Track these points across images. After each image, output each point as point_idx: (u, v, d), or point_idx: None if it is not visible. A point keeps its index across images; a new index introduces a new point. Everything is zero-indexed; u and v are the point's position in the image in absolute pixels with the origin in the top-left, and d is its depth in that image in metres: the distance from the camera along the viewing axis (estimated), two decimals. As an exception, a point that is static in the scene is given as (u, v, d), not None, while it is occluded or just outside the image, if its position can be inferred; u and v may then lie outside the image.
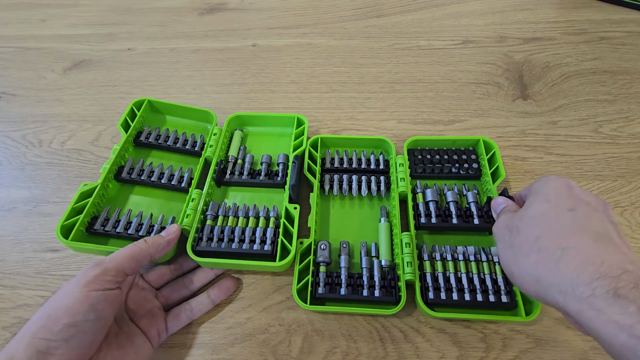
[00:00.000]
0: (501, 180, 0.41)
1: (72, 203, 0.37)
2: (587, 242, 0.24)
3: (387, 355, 0.35)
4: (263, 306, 0.38)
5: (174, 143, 0.44)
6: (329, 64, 0.56)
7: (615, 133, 0.47)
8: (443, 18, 0.60)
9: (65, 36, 0.60)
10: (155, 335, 0.34)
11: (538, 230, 0.26)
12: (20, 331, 0.28)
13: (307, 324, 0.37)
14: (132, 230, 0.38)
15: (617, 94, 0.51)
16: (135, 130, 0.44)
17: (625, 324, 0.20)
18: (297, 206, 0.39)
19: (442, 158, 0.43)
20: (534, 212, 0.27)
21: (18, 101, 0.54)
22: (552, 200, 0.27)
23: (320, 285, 0.36)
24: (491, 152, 0.43)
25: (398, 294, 0.35)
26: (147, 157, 0.45)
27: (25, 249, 0.41)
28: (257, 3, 0.64)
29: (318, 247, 0.38)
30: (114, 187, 0.42)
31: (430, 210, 0.39)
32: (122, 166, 0.42)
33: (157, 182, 0.41)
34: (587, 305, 0.21)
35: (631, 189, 0.43)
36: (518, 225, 0.28)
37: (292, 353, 0.35)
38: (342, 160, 0.44)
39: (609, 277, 0.21)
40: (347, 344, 0.35)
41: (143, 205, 0.42)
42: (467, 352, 0.35)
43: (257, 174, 0.43)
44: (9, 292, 0.39)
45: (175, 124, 0.49)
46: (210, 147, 0.43)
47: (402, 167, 0.41)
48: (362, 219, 0.42)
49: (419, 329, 0.36)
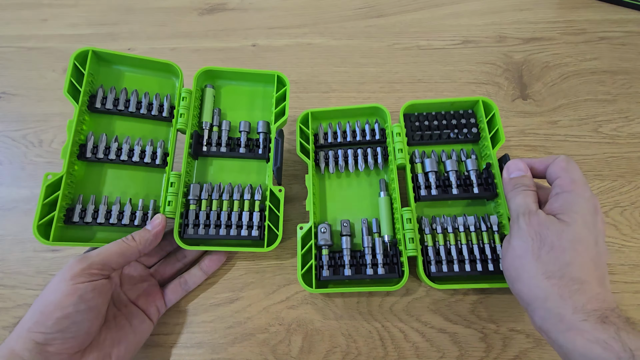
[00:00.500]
0: (501, 144, 0.39)
1: (41, 199, 0.33)
2: (597, 281, 0.27)
3: (387, 355, 0.35)
4: (263, 306, 0.38)
5: (137, 109, 0.39)
6: (329, 63, 0.56)
7: (615, 133, 0.47)
8: (443, 18, 0.61)
9: (66, 36, 0.60)
10: (155, 311, 0.35)
11: (570, 257, 0.27)
12: (16, 328, 0.28)
13: (307, 324, 0.37)
14: (114, 219, 0.36)
15: (616, 94, 0.51)
16: (87, 94, 0.37)
17: (600, 339, 0.24)
18: (282, 188, 0.38)
19: (440, 123, 0.42)
20: (573, 235, 0.28)
21: (19, 101, 0.54)
22: (588, 227, 0.28)
23: (324, 268, 0.36)
24: (491, 113, 0.40)
25: (401, 270, 0.35)
26: (108, 126, 0.39)
27: (26, 248, 0.41)
28: (257, 3, 0.64)
29: (319, 231, 0.37)
30: (81, 168, 0.37)
31: (430, 182, 0.39)
32: (84, 144, 0.37)
33: (129, 161, 0.37)
34: (575, 327, 0.25)
35: (631, 189, 0.43)
36: (553, 241, 0.28)
37: (292, 353, 0.35)
38: (335, 134, 0.42)
39: (604, 310, 0.26)
40: (347, 344, 0.35)
41: (118, 187, 0.38)
42: (467, 352, 0.35)
43: (236, 144, 0.40)
44: (10, 291, 0.39)
45: (132, 80, 0.41)
46: (182, 116, 0.38)
47: (399, 137, 0.39)
48: (361, 194, 0.41)
49: (419, 329, 0.36)
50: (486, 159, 0.40)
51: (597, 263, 0.27)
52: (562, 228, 0.28)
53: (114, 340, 0.32)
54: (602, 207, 0.42)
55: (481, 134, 0.41)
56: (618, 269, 0.38)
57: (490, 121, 0.41)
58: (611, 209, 0.42)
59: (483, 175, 0.39)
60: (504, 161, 0.37)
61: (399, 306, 0.37)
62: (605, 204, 0.42)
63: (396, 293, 0.38)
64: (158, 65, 0.40)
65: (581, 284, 0.26)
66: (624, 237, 0.40)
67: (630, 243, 0.40)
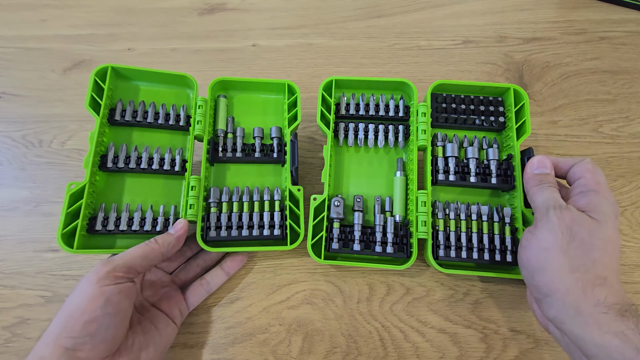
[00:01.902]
0: (526, 137, 0.39)
1: (65, 208, 0.34)
2: (617, 277, 0.28)
3: (387, 355, 0.35)
4: (263, 306, 0.38)
5: (154, 119, 0.40)
6: (329, 64, 0.56)
7: (615, 133, 0.47)
8: (443, 18, 0.61)
9: (66, 36, 0.60)
10: (178, 314, 0.35)
11: (598, 255, 0.28)
12: (43, 336, 0.28)
13: (307, 324, 0.37)
14: (136, 226, 0.37)
15: (617, 94, 0.51)
16: (107, 108, 0.39)
17: (619, 330, 0.25)
18: (301, 188, 0.38)
19: (468, 108, 0.41)
20: (605, 234, 0.29)
21: (19, 101, 0.54)
22: (616, 228, 0.29)
23: (334, 240, 0.36)
24: (520, 103, 0.39)
25: (409, 250, 0.36)
26: (127, 137, 0.41)
27: (27, 248, 0.41)
28: (257, 3, 0.64)
29: (332, 204, 0.37)
30: (102, 178, 0.39)
31: (449, 167, 0.38)
32: (105, 155, 0.38)
33: (149, 169, 0.38)
34: (594, 319, 0.26)
35: (631, 189, 0.43)
36: (584, 238, 0.28)
37: (292, 353, 0.35)
38: (358, 106, 0.41)
39: (623, 304, 0.26)
40: (347, 344, 0.35)
41: (139, 195, 0.39)
42: (467, 353, 0.35)
43: (251, 150, 0.41)
44: (10, 291, 0.39)
45: (148, 93, 0.43)
46: (199, 123, 0.39)
47: (424, 117, 0.38)
48: (377, 171, 0.41)
49: (419, 329, 0.36)
50: (508, 150, 0.40)
51: (617, 261, 0.28)
52: (595, 226, 0.29)
53: (142, 344, 0.32)
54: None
55: (507, 124, 0.40)
56: (618, 269, 0.38)
57: (518, 111, 0.40)
58: (612, 209, 0.42)
59: (502, 166, 0.39)
60: (527, 154, 0.37)
61: (399, 306, 0.37)
62: (606, 204, 0.42)
63: (396, 293, 0.38)
64: (174, 77, 0.42)
65: (604, 279, 0.27)
66: (624, 237, 0.40)
67: (630, 243, 0.40)
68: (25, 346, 0.37)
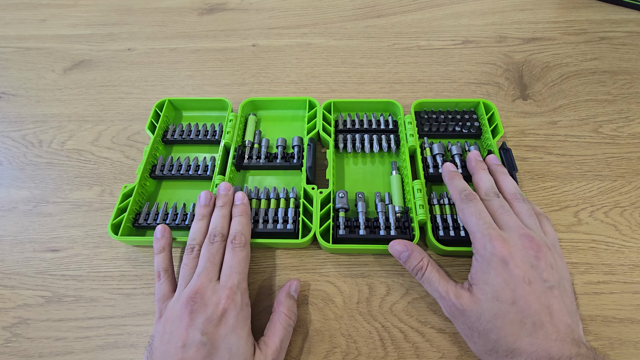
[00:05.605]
0: (500, 136, 0.44)
1: (117, 204, 0.41)
2: (527, 340, 0.28)
3: (387, 355, 0.35)
4: (263, 306, 0.38)
5: (196, 136, 0.48)
6: (328, 64, 0.56)
7: (615, 133, 0.47)
8: (443, 18, 0.61)
9: (65, 36, 0.60)
10: None
11: (495, 335, 0.29)
12: None
13: (307, 324, 0.37)
14: (169, 220, 0.41)
15: (617, 94, 0.51)
16: (162, 130, 0.48)
17: None
18: (315, 186, 0.42)
19: (447, 117, 0.47)
20: (488, 314, 0.29)
21: (18, 101, 0.54)
22: (499, 295, 0.29)
23: (341, 227, 0.39)
24: (490, 112, 0.46)
25: (412, 233, 0.39)
26: (173, 150, 0.49)
27: (26, 249, 0.41)
28: (257, 3, 0.64)
29: (337, 196, 0.41)
30: (151, 184, 0.46)
31: (438, 162, 0.43)
32: (155, 165, 0.46)
33: (186, 175, 0.45)
34: None
35: (631, 189, 0.43)
36: (478, 327, 0.30)
37: (292, 353, 0.35)
38: (353, 122, 0.48)
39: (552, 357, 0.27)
40: (347, 344, 0.35)
41: (176, 196, 0.45)
42: (467, 352, 0.35)
43: (274, 157, 0.46)
44: (9, 292, 0.39)
45: (192, 116, 0.52)
46: (228, 133, 0.46)
47: (411, 125, 0.45)
48: (374, 173, 0.46)
49: (419, 329, 0.36)
50: (488, 147, 0.44)
51: (521, 321, 0.28)
52: (477, 310, 0.30)
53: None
54: (602, 207, 0.42)
55: (482, 129, 0.46)
56: (618, 269, 0.38)
57: (490, 118, 0.46)
58: (611, 209, 0.42)
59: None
60: (503, 148, 0.43)
61: (399, 306, 0.37)
62: (605, 204, 0.42)
63: (396, 293, 0.38)
64: (213, 102, 0.50)
65: (512, 351, 0.28)
66: (623, 237, 0.40)
67: (630, 243, 0.40)
68: (24, 346, 0.37)
